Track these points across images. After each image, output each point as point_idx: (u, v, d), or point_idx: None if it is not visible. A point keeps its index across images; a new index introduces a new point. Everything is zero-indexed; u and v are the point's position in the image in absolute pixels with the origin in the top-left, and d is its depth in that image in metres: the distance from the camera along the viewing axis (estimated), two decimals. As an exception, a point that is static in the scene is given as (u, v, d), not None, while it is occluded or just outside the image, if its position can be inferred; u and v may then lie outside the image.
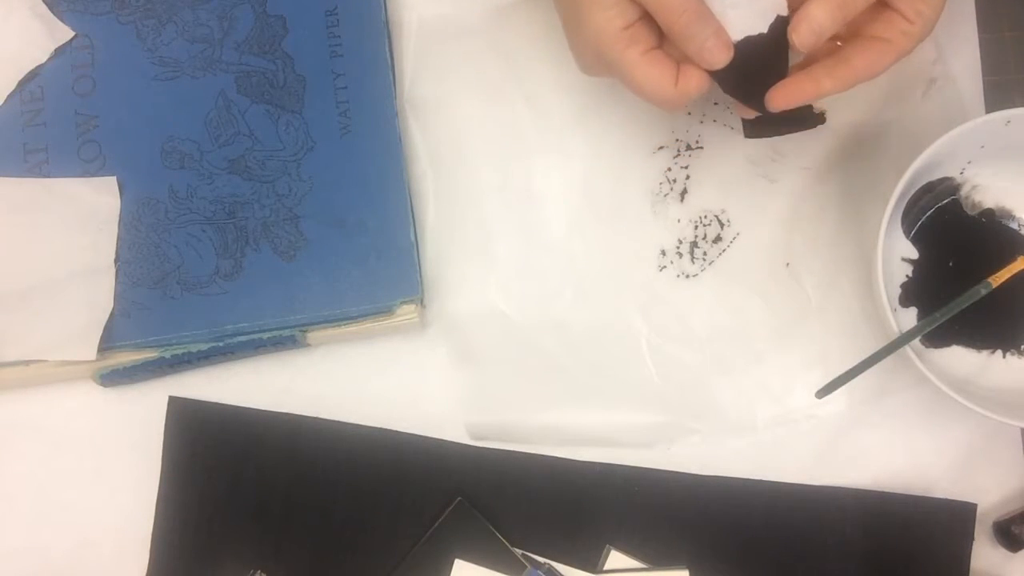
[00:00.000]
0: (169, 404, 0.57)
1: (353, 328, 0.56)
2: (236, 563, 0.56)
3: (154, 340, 0.55)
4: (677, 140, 0.60)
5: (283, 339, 0.56)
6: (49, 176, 0.56)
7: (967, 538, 0.56)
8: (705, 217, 0.60)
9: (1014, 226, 0.59)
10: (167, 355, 0.55)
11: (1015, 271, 0.54)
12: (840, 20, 0.46)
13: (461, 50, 0.61)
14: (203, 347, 0.55)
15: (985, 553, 0.57)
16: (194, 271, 0.56)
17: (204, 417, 0.57)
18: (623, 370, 0.58)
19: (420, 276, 0.56)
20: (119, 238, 0.56)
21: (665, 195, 0.60)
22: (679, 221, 0.60)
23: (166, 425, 0.57)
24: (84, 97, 0.57)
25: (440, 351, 0.58)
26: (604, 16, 0.47)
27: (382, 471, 0.56)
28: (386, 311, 0.56)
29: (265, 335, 0.55)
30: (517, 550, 0.56)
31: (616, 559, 0.56)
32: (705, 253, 0.59)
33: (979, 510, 0.57)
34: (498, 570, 0.55)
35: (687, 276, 0.59)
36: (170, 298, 0.55)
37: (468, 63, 0.61)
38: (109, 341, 0.54)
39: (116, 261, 0.55)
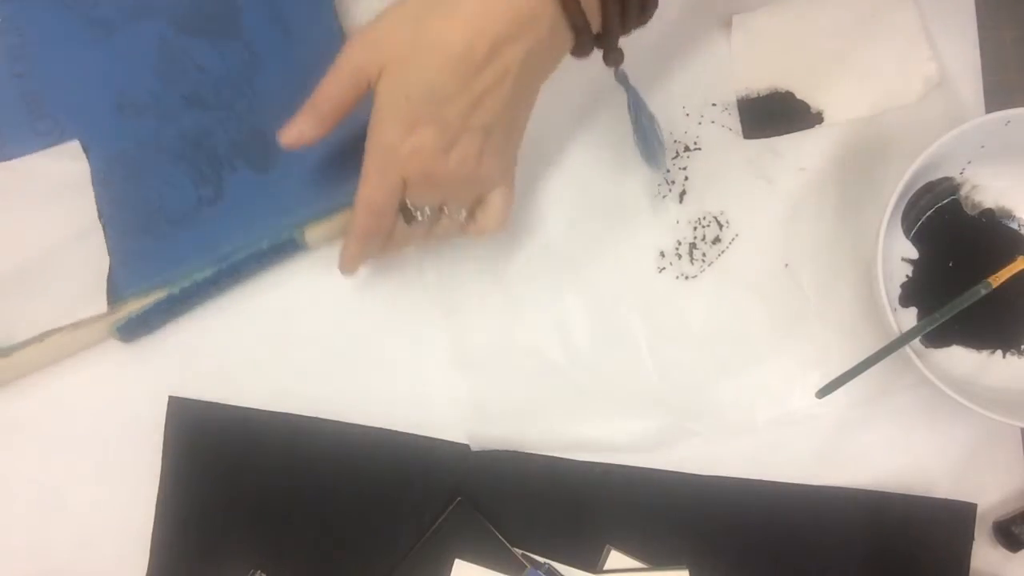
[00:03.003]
0: (169, 404, 0.56)
1: (347, 216, 0.55)
2: (236, 563, 0.55)
3: (159, 280, 0.55)
4: (675, 142, 0.59)
5: (283, 245, 0.55)
6: (11, 159, 0.55)
7: (967, 538, 0.55)
8: (704, 218, 0.59)
9: (1014, 226, 0.58)
10: (175, 291, 0.54)
11: (1015, 271, 0.53)
12: None
13: None
14: (208, 273, 0.55)
15: (985, 553, 0.56)
16: (178, 206, 0.55)
17: (204, 417, 0.56)
18: (623, 373, 0.57)
19: None
20: (97, 196, 0.55)
21: (664, 196, 0.59)
22: (678, 222, 0.59)
23: (166, 425, 0.56)
24: (24, 77, 0.56)
25: (441, 352, 0.57)
26: None
27: (382, 471, 0.55)
28: None
29: (264, 244, 0.55)
30: (517, 550, 0.55)
31: (616, 559, 0.55)
32: (704, 254, 0.58)
33: (979, 510, 0.56)
34: (498, 570, 0.54)
35: (686, 278, 0.58)
36: (162, 237, 0.55)
37: None
38: (116, 293, 0.54)
39: (100, 218, 0.55)
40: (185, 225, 0.55)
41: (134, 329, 0.55)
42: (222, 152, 0.55)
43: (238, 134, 0.55)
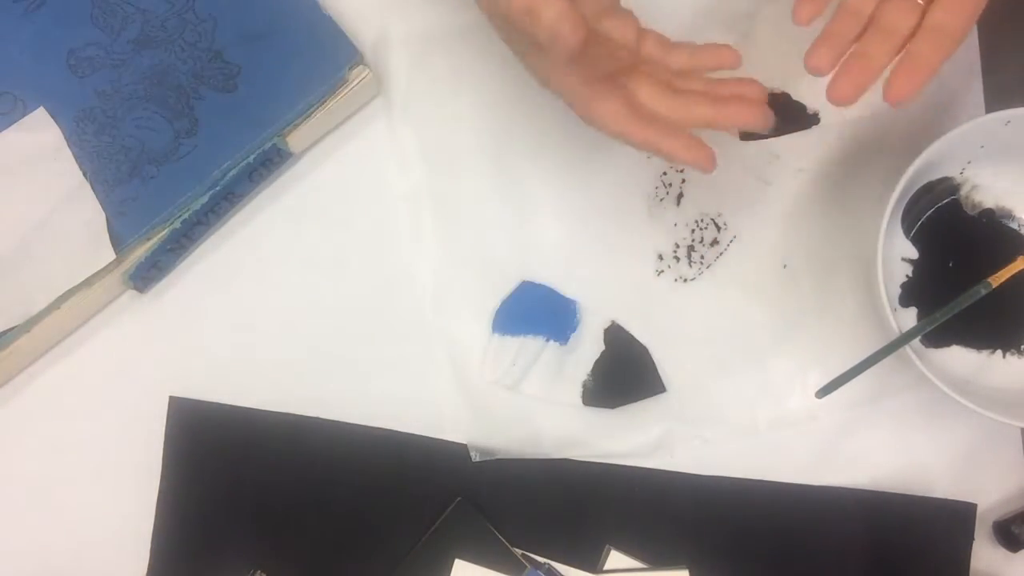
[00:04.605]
0: (169, 404, 0.54)
1: (323, 115, 0.55)
2: (236, 563, 0.53)
3: (158, 220, 0.54)
4: (673, 144, 0.57)
5: (268, 154, 0.55)
6: None
7: (967, 538, 0.54)
8: (702, 221, 0.57)
9: (1014, 226, 0.56)
10: (177, 224, 0.54)
11: (1015, 271, 0.51)
12: None
13: (454, 58, 0.58)
14: (204, 199, 0.54)
15: (985, 553, 0.55)
16: (158, 146, 0.55)
17: (204, 417, 0.54)
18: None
19: (352, 40, 0.56)
20: (76, 156, 0.55)
21: (661, 199, 0.57)
22: (676, 225, 0.57)
23: (166, 425, 0.54)
24: None
25: (441, 352, 0.56)
26: None
27: (382, 471, 0.54)
28: (340, 82, 0.55)
29: (251, 157, 0.54)
30: (517, 550, 0.53)
31: (616, 559, 0.54)
32: (703, 256, 0.57)
33: (979, 510, 0.55)
34: (498, 570, 0.53)
35: (685, 280, 0.57)
36: (150, 179, 0.54)
37: (461, 70, 0.58)
38: (122, 243, 0.53)
39: (85, 176, 0.54)
40: (170, 161, 0.54)
41: (147, 274, 0.54)
42: (185, 83, 0.55)
43: (196, 63, 0.55)
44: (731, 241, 0.56)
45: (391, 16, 0.58)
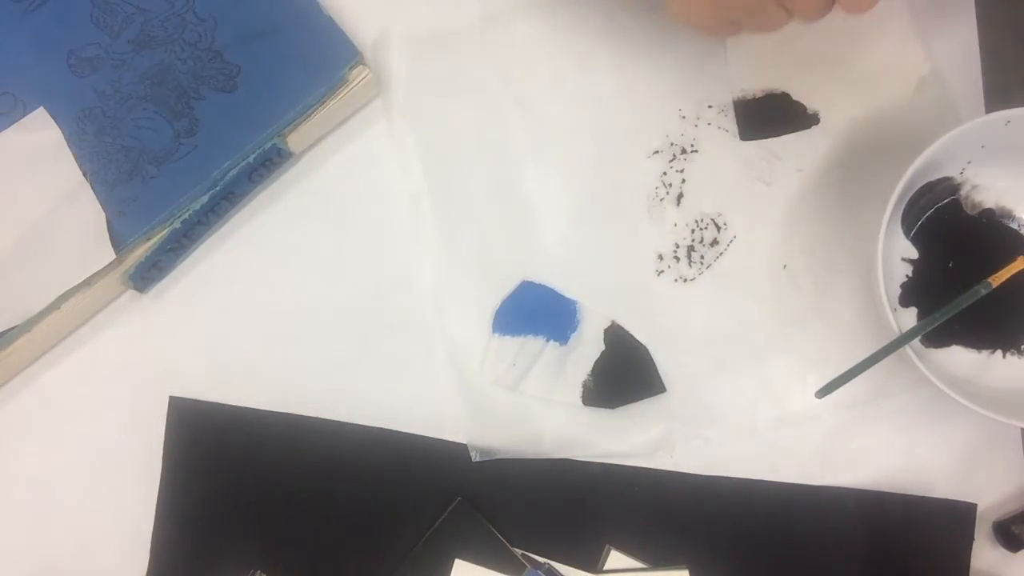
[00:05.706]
0: (169, 404, 0.54)
1: (323, 115, 0.55)
2: (236, 563, 0.53)
3: (158, 220, 0.53)
4: (672, 144, 0.57)
5: (268, 154, 0.54)
6: None
7: (967, 538, 0.54)
8: (702, 221, 0.56)
9: (1014, 226, 0.56)
10: (177, 224, 0.53)
11: (1015, 271, 0.51)
12: None
13: (453, 59, 0.58)
14: (204, 199, 0.54)
15: (985, 553, 0.54)
16: (157, 146, 0.54)
17: (204, 417, 0.54)
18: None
19: (352, 41, 0.55)
20: (76, 156, 0.54)
21: (661, 199, 0.56)
22: (676, 225, 0.56)
23: (166, 425, 0.54)
24: None
25: (441, 351, 0.55)
26: None
27: (382, 471, 0.53)
28: (340, 82, 0.55)
29: (251, 157, 0.54)
30: (517, 550, 0.53)
31: (616, 559, 0.53)
32: (703, 257, 0.56)
33: (979, 510, 0.54)
34: (498, 570, 0.52)
35: (685, 280, 0.56)
36: (150, 179, 0.54)
37: (461, 72, 0.58)
38: (121, 244, 0.53)
39: (85, 176, 0.54)
40: (169, 161, 0.54)
41: (147, 274, 0.54)
42: (186, 83, 0.55)
43: (196, 63, 0.55)
44: (731, 241, 0.56)
45: (391, 16, 0.58)
